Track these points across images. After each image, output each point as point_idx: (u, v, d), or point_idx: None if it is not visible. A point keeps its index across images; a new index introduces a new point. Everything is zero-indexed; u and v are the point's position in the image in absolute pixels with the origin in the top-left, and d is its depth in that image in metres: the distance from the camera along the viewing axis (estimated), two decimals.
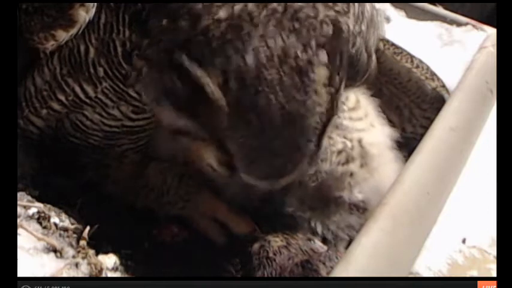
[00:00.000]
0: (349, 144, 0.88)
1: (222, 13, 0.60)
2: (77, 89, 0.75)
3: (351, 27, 0.68)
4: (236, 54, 0.59)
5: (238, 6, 0.60)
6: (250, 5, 0.60)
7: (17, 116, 0.81)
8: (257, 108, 0.60)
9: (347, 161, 0.88)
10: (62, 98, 0.77)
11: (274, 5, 0.60)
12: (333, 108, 0.65)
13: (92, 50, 0.71)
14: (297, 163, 0.66)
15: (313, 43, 0.61)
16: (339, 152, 0.88)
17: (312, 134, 0.64)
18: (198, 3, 0.61)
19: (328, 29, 0.62)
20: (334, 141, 0.88)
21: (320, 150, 0.68)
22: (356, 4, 0.71)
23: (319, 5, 0.63)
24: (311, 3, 0.62)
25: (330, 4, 0.64)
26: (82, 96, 0.75)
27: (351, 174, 0.88)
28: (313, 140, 0.65)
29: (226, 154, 0.65)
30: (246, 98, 0.60)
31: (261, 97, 0.59)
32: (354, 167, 0.88)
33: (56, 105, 0.78)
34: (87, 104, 0.76)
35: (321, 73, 0.61)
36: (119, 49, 0.69)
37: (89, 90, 0.74)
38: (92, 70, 0.72)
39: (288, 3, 0.61)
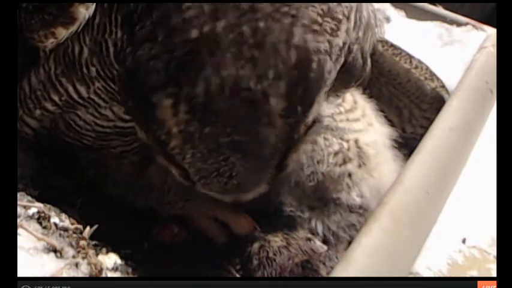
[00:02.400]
0: (345, 145, 0.88)
1: (194, 32, 0.58)
2: (70, 89, 0.75)
3: (340, 43, 0.64)
4: (187, 80, 0.58)
5: (208, 27, 0.58)
6: (221, 27, 0.58)
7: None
8: (203, 135, 0.59)
9: (344, 162, 0.88)
10: (56, 98, 0.77)
11: (245, 28, 0.58)
12: (293, 138, 0.63)
13: (85, 50, 0.71)
14: (253, 185, 0.66)
15: (270, 73, 0.58)
16: (336, 153, 0.88)
17: (267, 161, 0.63)
18: (178, 17, 0.59)
19: (292, 58, 0.59)
20: (330, 142, 0.88)
21: (282, 172, 0.67)
22: (353, 12, 0.69)
23: (298, 28, 0.59)
24: (290, 24, 0.59)
25: (315, 24, 0.61)
26: (75, 96, 0.75)
27: (349, 175, 0.88)
28: (270, 166, 0.64)
29: (181, 169, 0.65)
30: (193, 125, 0.59)
31: (208, 125, 0.59)
32: (351, 167, 0.88)
33: (49, 106, 0.78)
34: (80, 104, 0.76)
35: (276, 104, 0.59)
36: (111, 49, 0.68)
37: (82, 90, 0.74)
38: (85, 70, 0.72)
39: (262, 25, 0.58)
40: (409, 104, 1.00)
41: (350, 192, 0.88)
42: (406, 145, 0.95)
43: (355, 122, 0.90)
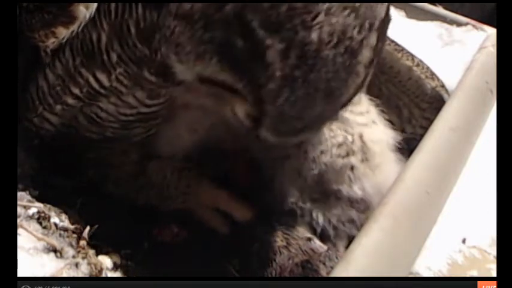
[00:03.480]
0: (349, 138, 0.88)
1: None
2: (91, 79, 0.74)
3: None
4: (302, 27, 0.60)
5: None
6: None
7: (31, 114, 0.81)
8: (306, 80, 0.62)
9: (347, 154, 0.88)
10: (76, 91, 0.76)
11: None
12: (363, 86, 0.67)
13: (104, 36, 0.71)
14: (316, 129, 0.71)
15: (367, 24, 0.62)
16: (339, 145, 0.88)
17: (340, 108, 0.68)
18: None
19: (381, 10, 0.63)
20: (335, 133, 0.88)
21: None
22: None
23: None
24: None
25: None
26: (96, 86, 0.74)
27: (352, 168, 0.88)
28: (338, 113, 0.69)
29: (259, 111, 0.66)
30: (300, 70, 0.61)
31: (314, 71, 0.61)
32: (354, 160, 0.88)
33: (70, 100, 0.77)
34: (102, 94, 0.75)
35: (366, 55, 0.63)
36: (132, 29, 0.68)
37: (103, 78, 0.73)
38: (105, 57, 0.72)
39: None
40: (409, 103, 1.00)
41: (351, 185, 0.88)
42: (406, 146, 0.95)
43: (359, 116, 0.90)
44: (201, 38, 0.65)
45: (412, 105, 1.00)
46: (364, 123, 0.90)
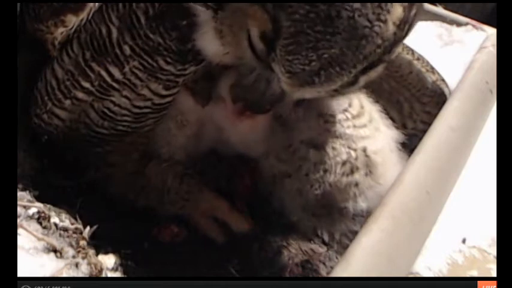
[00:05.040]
0: (353, 154, 0.87)
1: None
2: (103, 73, 0.73)
3: None
4: None
5: None
6: None
7: (40, 110, 0.80)
8: (330, 4, 0.60)
9: (352, 172, 0.87)
10: (87, 84, 0.75)
11: None
12: (390, 51, 0.65)
13: (114, 30, 0.70)
14: (331, 80, 0.65)
15: None
16: (343, 163, 0.86)
17: (361, 60, 0.64)
18: None
19: None
20: (338, 152, 0.86)
21: (356, 85, 0.67)
22: None
23: None
24: None
25: None
26: (108, 79, 0.74)
27: (356, 184, 0.87)
28: (358, 67, 0.64)
29: (274, 29, 0.63)
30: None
31: None
32: (358, 177, 0.87)
33: (80, 94, 0.77)
34: (114, 88, 0.75)
35: (396, 10, 0.62)
36: (142, 19, 0.67)
37: (116, 72, 0.73)
38: (117, 50, 0.71)
39: None
40: (410, 97, 0.99)
41: (356, 201, 0.87)
42: (408, 141, 0.95)
43: (362, 128, 0.88)
44: None
45: (413, 99, 0.99)
46: (367, 135, 0.89)
